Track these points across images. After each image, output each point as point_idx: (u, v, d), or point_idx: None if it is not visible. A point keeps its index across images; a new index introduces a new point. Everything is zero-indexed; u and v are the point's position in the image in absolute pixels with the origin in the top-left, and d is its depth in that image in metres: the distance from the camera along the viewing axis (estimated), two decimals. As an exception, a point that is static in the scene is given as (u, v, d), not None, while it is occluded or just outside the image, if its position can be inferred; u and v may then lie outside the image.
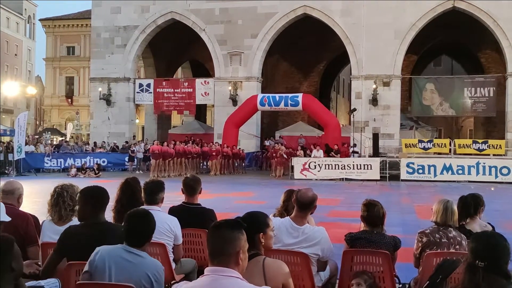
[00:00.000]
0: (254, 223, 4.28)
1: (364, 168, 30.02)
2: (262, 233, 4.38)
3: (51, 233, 5.83)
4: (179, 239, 6.22)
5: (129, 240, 4.52)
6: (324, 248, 5.64)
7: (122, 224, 5.74)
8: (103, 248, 4.55)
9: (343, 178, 29.76)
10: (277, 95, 35.31)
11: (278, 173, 31.83)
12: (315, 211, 5.90)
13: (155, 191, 6.37)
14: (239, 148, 35.83)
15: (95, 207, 5.24)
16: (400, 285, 6.02)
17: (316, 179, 29.53)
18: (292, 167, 30.84)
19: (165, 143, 32.69)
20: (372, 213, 5.89)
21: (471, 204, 6.67)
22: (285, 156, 32.21)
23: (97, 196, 5.32)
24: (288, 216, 5.79)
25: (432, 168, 29.58)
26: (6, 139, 44.40)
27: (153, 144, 32.91)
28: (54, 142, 48.65)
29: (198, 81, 40.87)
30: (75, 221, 5.71)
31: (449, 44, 46.32)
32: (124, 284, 4.29)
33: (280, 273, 4.27)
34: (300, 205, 5.71)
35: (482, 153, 30.66)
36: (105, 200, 5.35)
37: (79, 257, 4.86)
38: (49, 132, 61.87)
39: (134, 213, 4.67)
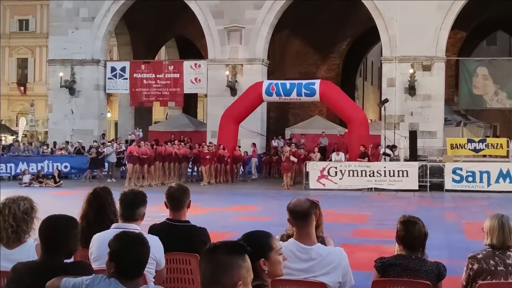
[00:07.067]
0: (253, 247, 4.16)
1: (398, 175, 29.98)
2: (263, 259, 4.23)
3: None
4: (161, 263, 6.20)
5: (121, 276, 4.30)
6: (345, 273, 5.49)
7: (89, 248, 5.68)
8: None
9: (371, 188, 29.83)
10: (287, 82, 35.18)
11: (288, 181, 31.51)
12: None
13: (135, 205, 6.31)
14: (242, 149, 35.88)
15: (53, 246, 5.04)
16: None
17: (337, 189, 29.55)
18: (307, 173, 30.78)
19: (143, 143, 32.30)
20: (411, 233, 5.86)
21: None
22: (292, 159, 31.71)
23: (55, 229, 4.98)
24: (291, 238, 5.62)
25: (485, 175, 29.52)
26: None
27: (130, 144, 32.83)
28: (3, 142, 48.71)
29: (187, 64, 40.87)
30: (27, 244, 5.63)
31: (506, 17, 46.24)
32: None
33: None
34: (295, 217, 5.50)
35: (549, 156, 30.66)
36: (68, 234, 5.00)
37: None
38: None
39: (124, 238, 4.40)
